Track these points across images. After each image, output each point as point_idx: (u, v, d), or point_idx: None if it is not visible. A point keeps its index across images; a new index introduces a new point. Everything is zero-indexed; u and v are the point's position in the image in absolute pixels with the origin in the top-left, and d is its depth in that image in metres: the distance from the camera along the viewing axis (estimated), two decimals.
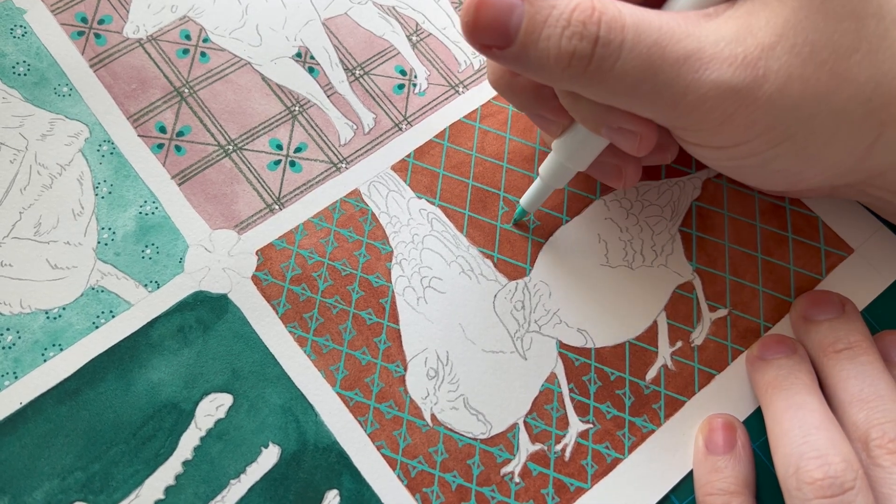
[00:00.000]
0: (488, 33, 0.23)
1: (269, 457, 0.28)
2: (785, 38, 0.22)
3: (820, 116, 0.23)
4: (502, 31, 0.23)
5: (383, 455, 0.28)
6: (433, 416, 0.29)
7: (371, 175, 0.32)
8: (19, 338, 0.29)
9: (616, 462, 0.28)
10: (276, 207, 0.32)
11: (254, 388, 0.29)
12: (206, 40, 0.35)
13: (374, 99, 0.34)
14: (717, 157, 0.26)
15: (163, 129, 0.33)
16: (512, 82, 0.27)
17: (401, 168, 0.33)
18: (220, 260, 0.31)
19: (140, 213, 0.31)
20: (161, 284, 0.30)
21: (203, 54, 0.34)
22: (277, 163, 0.33)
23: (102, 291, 0.30)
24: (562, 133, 0.28)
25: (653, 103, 0.23)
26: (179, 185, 0.32)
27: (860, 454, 0.25)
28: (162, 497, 0.27)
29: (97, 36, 0.34)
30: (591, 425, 0.29)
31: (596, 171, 0.29)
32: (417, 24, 0.36)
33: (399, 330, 0.30)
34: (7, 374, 0.28)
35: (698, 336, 0.30)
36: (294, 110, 0.34)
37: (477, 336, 0.30)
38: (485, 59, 0.35)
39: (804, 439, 0.25)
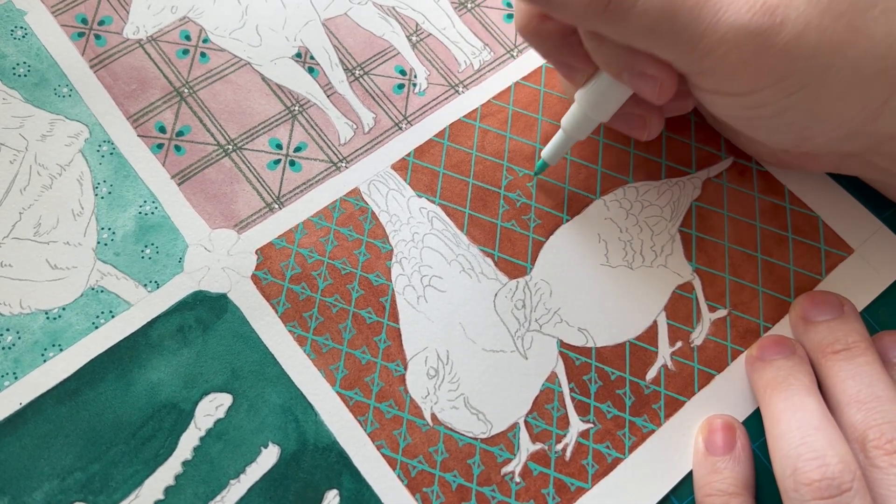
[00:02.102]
0: None
1: (269, 457, 0.28)
2: None
3: (834, 68, 0.23)
4: None
5: (383, 455, 0.28)
6: (433, 416, 0.29)
7: (371, 174, 0.32)
8: (19, 338, 0.29)
9: (616, 462, 0.28)
10: (276, 207, 0.32)
11: (253, 387, 0.29)
12: (205, 41, 0.35)
13: (373, 99, 0.34)
14: (730, 105, 0.26)
15: (162, 129, 0.33)
16: (539, 28, 0.28)
17: (401, 167, 0.33)
18: (219, 259, 0.31)
19: (140, 213, 0.31)
20: (161, 284, 0.30)
21: (203, 55, 0.34)
22: (277, 162, 0.33)
23: (102, 291, 0.30)
24: (585, 83, 0.28)
25: (672, 44, 0.24)
26: (179, 184, 0.32)
27: (858, 455, 0.25)
28: (161, 497, 0.27)
29: (97, 37, 0.34)
30: (591, 425, 0.29)
31: (620, 122, 0.30)
32: (417, 25, 0.36)
33: (399, 329, 0.30)
34: (7, 374, 0.28)
35: (698, 336, 0.30)
36: (294, 110, 0.34)
37: (477, 335, 0.30)
38: (486, 57, 0.35)
39: (802, 440, 0.25)
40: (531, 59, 0.35)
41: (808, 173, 0.33)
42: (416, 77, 0.35)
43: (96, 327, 0.29)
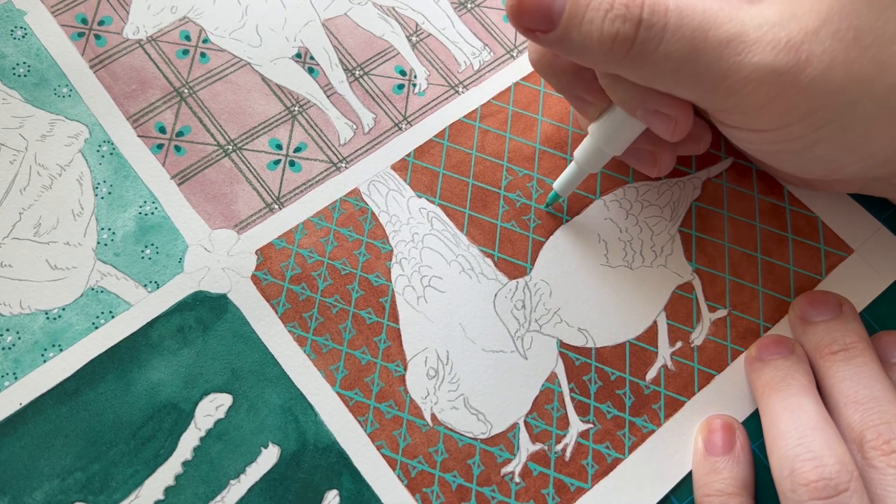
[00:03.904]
0: (532, 17, 0.23)
1: (269, 457, 0.28)
2: (829, 22, 0.22)
3: (862, 102, 0.23)
4: (546, 15, 0.23)
5: (383, 455, 0.28)
6: (433, 416, 0.29)
7: (371, 174, 0.32)
8: (19, 338, 0.29)
9: (616, 462, 0.28)
10: (276, 207, 0.32)
11: (253, 388, 0.29)
12: (205, 41, 0.35)
13: (373, 99, 0.34)
14: (756, 140, 0.26)
15: (162, 130, 0.33)
16: (553, 62, 0.27)
17: (401, 167, 0.33)
18: (219, 260, 0.31)
19: (140, 213, 0.31)
20: (161, 284, 0.30)
21: (203, 55, 0.34)
22: (277, 162, 0.33)
23: (102, 292, 0.30)
24: (599, 116, 0.28)
25: (694, 85, 0.23)
26: (179, 185, 0.32)
27: (855, 455, 0.25)
28: (161, 497, 0.27)
29: (97, 37, 0.34)
30: (591, 425, 0.29)
31: (630, 157, 0.30)
32: (417, 25, 0.36)
33: (399, 329, 0.30)
34: (7, 374, 0.28)
35: (698, 336, 0.30)
36: (294, 110, 0.34)
37: (477, 335, 0.30)
38: (486, 57, 0.35)
39: (799, 441, 0.25)
40: None
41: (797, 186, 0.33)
42: (415, 77, 0.35)
43: (96, 327, 0.29)
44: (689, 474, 0.28)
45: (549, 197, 0.31)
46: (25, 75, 0.33)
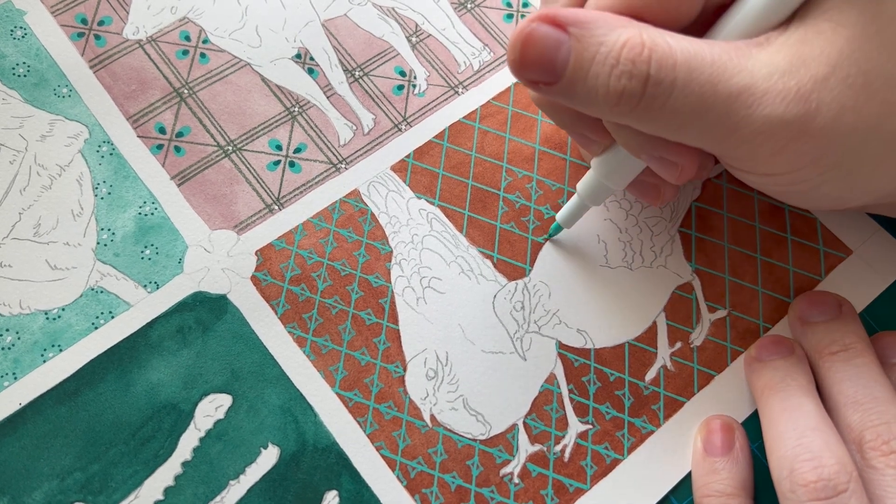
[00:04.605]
0: (535, 70, 0.22)
1: (269, 457, 0.28)
2: (839, 68, 0.22)
3: (869, 145, 0.23)
4: (549, 68, 0.22)
5: (382, 456, 0.28)
6: (432, 417, 0.29)
7: (370, 175, 0.32)
8: (19, 338, 0.29)
9: (615, 463, 0.28)
10: (276, 208, 0.32)
11: (253, 388, 0.29)
12: (205, 41, 0.35)
13: (373, 100, 0.34)
14: (764, 182, 0.25)
15: (162, 130, 0.33)
16: (554, 102, 0.27)
17: (400, 168, 0.33)
18: (219, 260, 0.31)
19: (139, 213, 0.31)
20: (160, 285, 0.30)
21: (203, 55, 0.34)
22: (277, 163, 0.33)
23: (102, 292, 0.30)
24: (602, 152, 0.28)
25: (703, 137, 0.23)
26: (179, 185, 0.32)
27: (855, 456, 0.25)
28: (161, 498, 0.27)
29: (97, 37, 0.34)
30: (590, 426, 0.29)
31: (633, 188, 0.29)
32: (417, 25, 0.36)
33: (398, 330, 0.30)
34: (6, 374, 0.28)
35: (697, 337, 0.30)
36: (293, 111, 0.34)
37: (476, 336, 0.30)
38: (486, 58, 0.35)
39: (798, 441, 0.25)
40: None
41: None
42: (415, 78, 0.35)
43: (96, 328, 0.29)
44: (689, 475, 0.28)
45: (552, 228, 0.31)
46: (25, 75, 0.33)
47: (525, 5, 0.36)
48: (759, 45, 0.23)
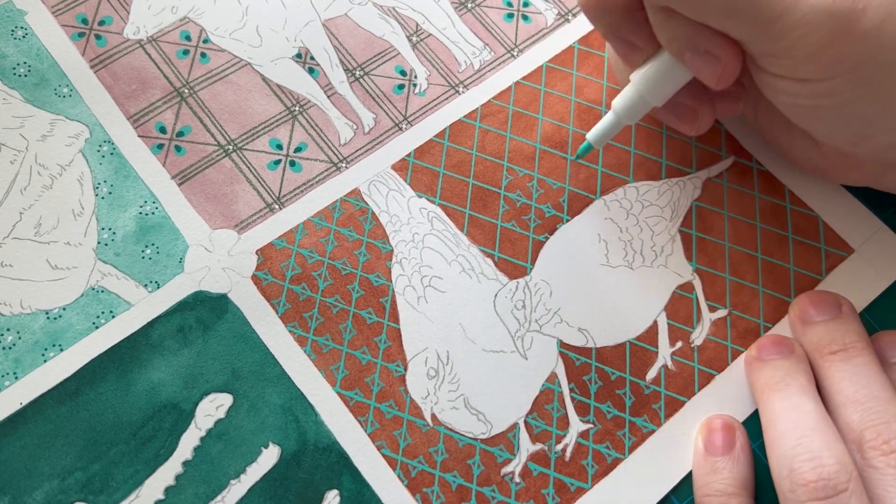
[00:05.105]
0: None
1: (269, 457, 0.28)
2: None
3: None
4: None
5: (383, 455, 0.28)
6: (433, 416, 0.29)
7: (371, 174, 0.32)
8: (19, 338, 0.29)
9: (616, 462, 0.28)
10: (276, 207, 0.32)
11: (254, 387, 0.29)
12: (206, 41, 0.35)
13: (374, 99, 0.34)
14: (797, 92, 0.25)
15: (163, 130, 0.33)
16: (607, 2, 0.27)
17: (401, 167, 0.33)
18: (219, 260, 0.31)
19: (140, 213, 0.31)
20: (161, 284, 0.30)
21: (203, 55, 0.34)
22: (277, 163, 0.33)
23: (102, 292, 0.30)
24: (643, 63, 0.27)
25: (749, 22, 0.23)
26: (179, 185, 0.32)
27: (854, 455, 0.25)
28: (162, 497, 0.27)
29: (98, 37, 0.34)
30: (591, 425, 0.29)
31: (670, 113, 0.29)
32: (417, 25, 0.36)
33: (399, 329, 0.30)
34: (7, 374, 0.28)
35: (698, 336, 0.30)
36: (294, 110, 0.34)
37: (477, 335, 0.30)
38: (486, 57, 0.35)
39: (798, 441, 0.25)
40: (531, 59, 0.35)
41: (813, 175, 0.32)
42: (416, 77, 0.35)
43: (97, 327, 0.29)
44: (689, 474, 0.28)
45: (582, 147, 0.30)
46: (26, 75, 0.33)
47: (525, 5, 0.36)
48: None
